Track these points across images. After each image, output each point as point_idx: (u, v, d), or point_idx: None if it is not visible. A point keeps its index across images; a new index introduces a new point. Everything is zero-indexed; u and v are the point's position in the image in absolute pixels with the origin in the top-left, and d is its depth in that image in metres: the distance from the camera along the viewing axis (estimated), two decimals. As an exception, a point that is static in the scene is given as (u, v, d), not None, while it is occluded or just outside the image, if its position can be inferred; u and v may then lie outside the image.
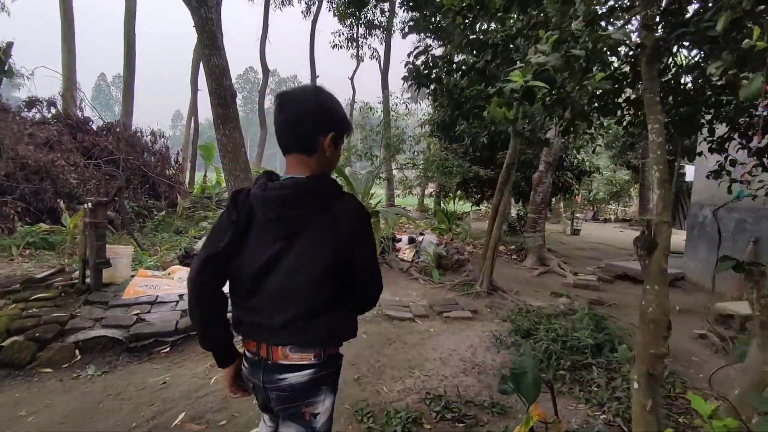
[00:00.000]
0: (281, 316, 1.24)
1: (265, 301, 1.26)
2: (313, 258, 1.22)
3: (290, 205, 1.23)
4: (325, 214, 1.23)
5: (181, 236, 8.10)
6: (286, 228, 1.24)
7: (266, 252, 1.25)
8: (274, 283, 1.24)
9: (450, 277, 6.80)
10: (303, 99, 1.27)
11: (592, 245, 11.30)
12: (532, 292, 6.38)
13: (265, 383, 1.28)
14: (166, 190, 9.71)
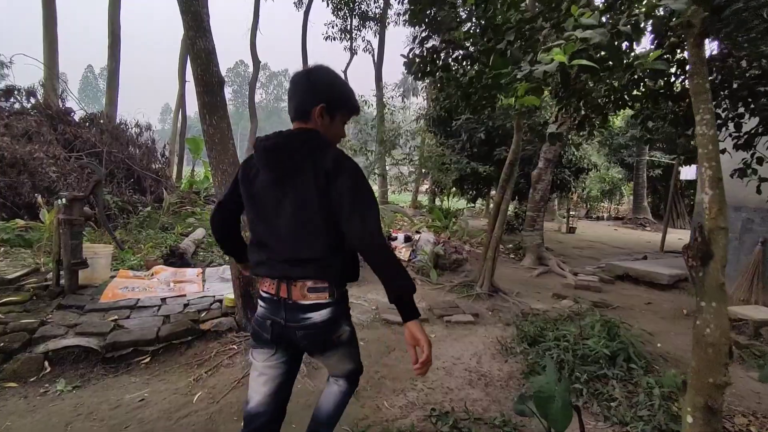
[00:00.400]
0: (292, 254, 1.42)
1: (276, 243, 1.45)
2: (307, 202, 1.39)
3: (281, 151, 1.42)
4: (313, 163, 1.38)
5: (168, 233, 7.75)
6: (279, 173, 1.43)
7: (268, 199, 1.46)
8: (280, 227, 1.43)
9: (448, 277, 6.56)
10: (299, 75, 1.54)
11: (589, 244, 11.15)
12: (534, 293, 6.16)
13: (288, 322, 1.44)
14: (152, 185, 9.32)
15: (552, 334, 3.90)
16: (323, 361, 1.70)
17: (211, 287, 4.54)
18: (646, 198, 16.84)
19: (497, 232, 5.59)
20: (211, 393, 2.80)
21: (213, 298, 4.15)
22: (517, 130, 5.49)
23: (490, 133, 9.83)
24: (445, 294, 5.68)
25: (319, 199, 1.37)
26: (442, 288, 5.86)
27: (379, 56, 15.17)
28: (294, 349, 1.56)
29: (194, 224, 8.36)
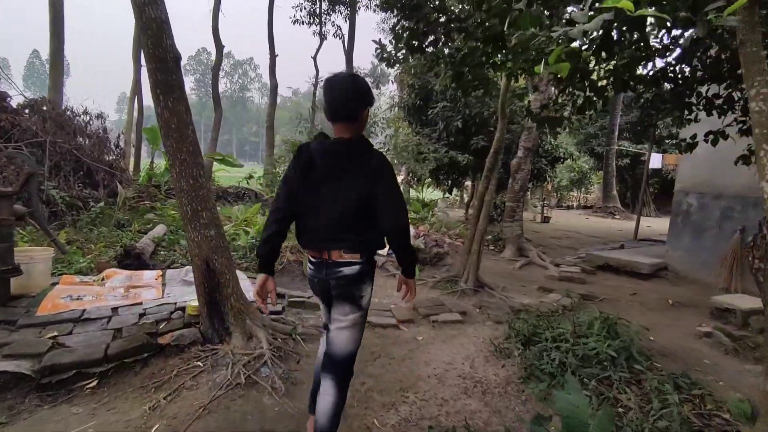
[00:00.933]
0: (336, 233, 1.87)
1: (327, 221, 1.87)
2: (352, 193, 1.83)
3: (340, 157, 1.87)
4: (360, 163, 1.85)
5: (124, 231, 7.07)
6: (336, 172, 1.86)
7: (323, 189, 1.87)
8: (331, 209, 1.86)
9: (430, 272, 6.26)
10: (345, 85, 1.86)
11: (564, 233, 11.16)
12: (519, 287, 5.96)
13: (327, 276, 1.92)
14: (105, 178, 8.54)
15: (548, 333, 3.65)
16: (338, 329, 1.99)
17: (172, 292, 4.04)
18: (615, 187, 17.15)
19: (482, 224, 5.32)
20: (171, 424, 2.37)
21: (174, 305, 3.67)
22: (502, 117, 5.20)
23: (467, 122, 9.57)
24: (429, 290, 5.38)
25: (362, 192, 1.82)
26: (425, 284, 5.56)
27: (349, 42, 14.63)
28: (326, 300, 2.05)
29: (154, 220, 7.70)
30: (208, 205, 3.22)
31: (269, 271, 1.97)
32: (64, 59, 9.67)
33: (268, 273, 1.96)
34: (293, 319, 3.86)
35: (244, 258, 5.82)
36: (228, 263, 3.31)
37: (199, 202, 3.17)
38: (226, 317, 3.20)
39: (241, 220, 7.05)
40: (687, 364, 3.74)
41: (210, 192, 3.25)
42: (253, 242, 6.10)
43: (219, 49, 12.34)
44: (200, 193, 3.17)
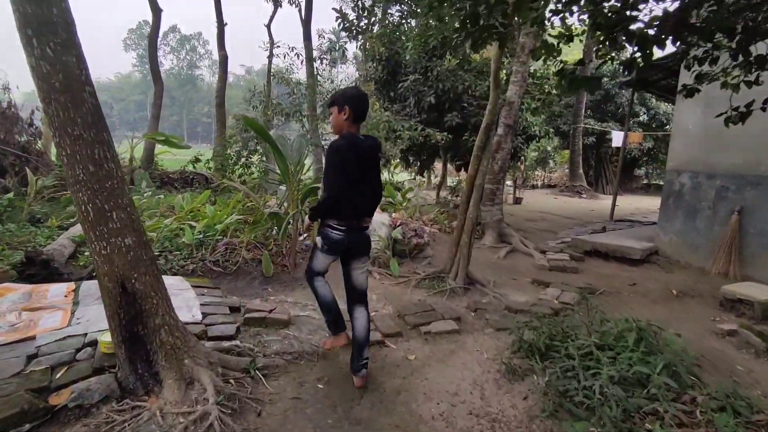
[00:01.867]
0: (374, 205, 2.69)
1: (368, 197, 2.62)
2: (380, 176, 2.83)
3: (376, 150, 2.64)
4: (378, 153, 2.73)
5: (38, 227, 5.82)
6: (373, 162, 2.63)
7: (367, 175, 2.57)
8: (371, 188, 2.64)
9: (410, 266, 5.52)
10: (359, 92, 2.65)
11: (540, 215, 10.75)
12: (509, 280, 5.34)
13: (356, 238, 2.64)
14: (16, 164, 7.12)
15: (569, 346, 3.00)
16: (359, 269, 2.79)
17: (85, 315, 3.04)
18: (581, 165, 17.08)
19: (472, 212, 4.61)
20: None
21: (84, 337, 2.70)
22: (496, 87, 4.45)
23: (439, 97, 8.79)
24: (412, 290, 4.63)
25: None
26: (407, 283, 4.81)
27: (306, 11, 13.33)
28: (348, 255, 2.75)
29: (79, 213, 6.44)
30: (121, 202, 2.26)
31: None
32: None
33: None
34: (251, 344, 2.99)
35: (190, 258, 4.82)
36: (155, 282, 2.39)
37: (106, 198, 2.21)
38: (154, 358, 2.29)
39: (186, 212, 5.98)
40: (719, 371, 3.23)
41: (123, 183, 2.28)
42: (201, 238, 5.10)
43: (156, 13, 10.76)
44: (108, 185, 2.21)
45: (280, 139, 5.25)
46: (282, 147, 4.98)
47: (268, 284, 4.66)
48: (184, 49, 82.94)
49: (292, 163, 4.87)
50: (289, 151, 5.02)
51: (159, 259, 4.69)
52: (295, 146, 5.12)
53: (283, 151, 4.87)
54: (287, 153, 5.00)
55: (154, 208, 7.21)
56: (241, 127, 6.99)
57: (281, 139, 5.24)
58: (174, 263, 4.67)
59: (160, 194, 9.15)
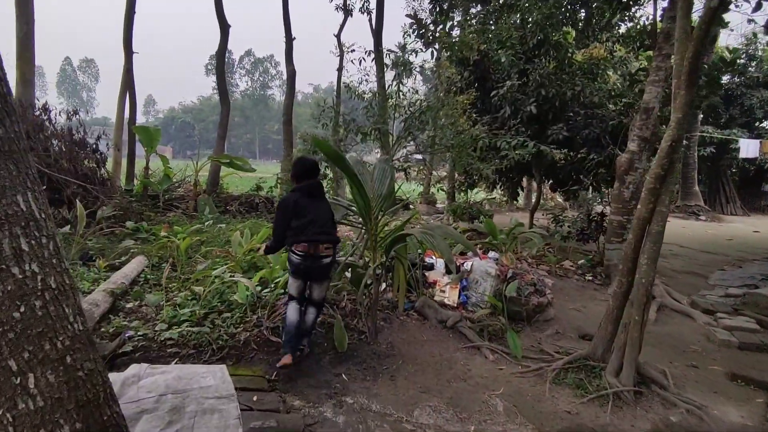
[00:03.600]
0: (321, 235, 3.13)
1: (317, 226, 3.13)
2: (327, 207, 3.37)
3: (315, 189, 3.30)
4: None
5: (89, 267, 5.09)
6: (314, 201, 3.24)
7: (308, 214, 3.15)
8: (317, 218, 3.17)
9: (531, 336, 4.03)
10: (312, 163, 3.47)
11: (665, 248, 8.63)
12: (687, 369, 3.65)
13: (312, 265, 3.14)
14: (78, 193, 6.64)
15: None
16: (317, 287, 3.32)
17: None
18: (697, 181, 14.37)
19: (646, 274, 3.04)
20: None
21: None
22: (690, 85, 2.87)
23: (541, 106, 7.22)
24: (551, 390, 3.13)
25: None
26: (540, 374, 3.31)
27: (378, 17, 12.41)
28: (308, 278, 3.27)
29: (132, 249, 5.72)
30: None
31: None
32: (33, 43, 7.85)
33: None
34: None
35: (243, 322, 3.72)
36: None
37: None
38: None
39: (244, 252, 4.97)
40: None
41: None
42: (258, 295, 4.00)
43: (224, 30, 10.32)
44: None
45: (359, 165, 4.04)
46: (360, 175, 3.77)
47: (342, 364, 3.42)
48: (257, 71, 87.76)
49: (375, 199, 3.62)
50: (368, 182, 3.79)
51: (204, 325, 3.64)
52: (377, 175, 3.88)
53: (367, 183, 3.65)
54: (366, 183, 3.78)
55: (214, 241, 6.39)
56: (309, 148, 5.96)
57: (359, 166, 4.04)
58: (222, 330, 3.58)
59: (223, 221, 8.46)
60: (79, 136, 7.25)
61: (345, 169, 3.53)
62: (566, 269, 6.29)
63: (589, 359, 3.30)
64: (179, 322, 3.64)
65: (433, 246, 3.11)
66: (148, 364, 2.65)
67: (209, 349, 3.38)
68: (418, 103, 5.83)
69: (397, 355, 3.60)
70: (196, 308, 3.79)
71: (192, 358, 3.28)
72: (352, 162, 3.92)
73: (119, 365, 3.03)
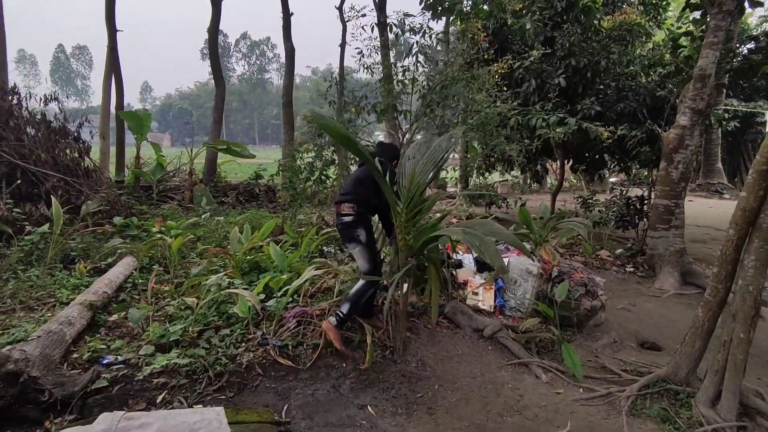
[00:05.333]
0: (346, 193, 3.12)
1: (344, 188, 3.25)
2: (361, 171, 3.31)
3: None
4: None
5: (70, 272, 4.48)
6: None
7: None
8: (348, 182, 3.31)
9: (584, 347, 3.42)
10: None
11: (700, 231, 7.99)
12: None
13: (337, 225, 3.19)
14: (61, 186, 5.99)
15: None
16: (354, 254, 3.17)
17: None
18: (720, 158, 13.62)
19: (754, 280, 2.39)
20: None
21: None
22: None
23: (571, 78, 6.47)
24: (626, 422, 2.52)
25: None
26: (611, 401, 2.70)
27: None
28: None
29: (120, 249, 5.09)
30: None
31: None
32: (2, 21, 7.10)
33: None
34: None
35: (245, 340, 3.12)
36: None
37: None
38: None
39: (244, 252, 4.35)
40: None
41: None
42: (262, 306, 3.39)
43: (215, 3, 9.48)
44: None
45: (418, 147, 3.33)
46: (410, 162, 3.10)
47: (366, 392, 2.82)
48: (254, 54, 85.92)
49: (404, 194, 2.94)
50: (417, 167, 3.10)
51: (199, 345, 3.03)
52: (428, 155, 3.18)
53: (410, 165, 2.99)
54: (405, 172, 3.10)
55: (211, 237, 5.76)
56: (314, 131, 5.26)
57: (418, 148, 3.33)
58: (220, 352, 2.98)
59: (221, 213, 7.81)
60: (59, 123, 6.55)
61: (358, 153, 2.86)
62: (603, 260, 5.65)
63: (670, 381, 2.69)
64: (169, 343, 3.03)
65: (480, 250, 2.46)
66: (123, 412, 2.05)
67: (205, 377, 2.78)
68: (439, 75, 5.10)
69: (430, 377, 3.00)
70: (188, 324, 3.19)
71: (184, 390, 2.68)
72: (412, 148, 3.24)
73: (92, 407, 2.43)
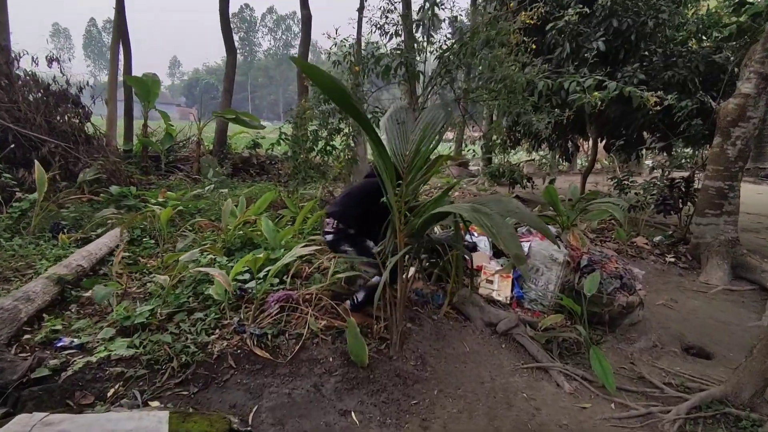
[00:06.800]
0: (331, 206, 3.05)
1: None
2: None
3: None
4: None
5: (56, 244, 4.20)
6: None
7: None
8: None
9: (618, 350, 2.89)
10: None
11: (751, 219, 7.17)
12: None
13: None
14: (58, 153, 5.73)
15: None
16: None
17: None
18: None
19: None
20: None
21: None
22: None
23: (611, 42, 5.70)
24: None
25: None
26: (650, 425, 2.18)
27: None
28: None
29: (111, 220, 4.79)
30: None
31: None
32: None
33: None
34: None
35: (219, 326, 2.73)
36: None
37: None
38: None
39: (236, 226, 3.95)
40: None
41: None
42: (242, 287, 2.99)
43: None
44: None
45: (401, 113, 2.80)
46: (396, 125, 2.59)
47: (352, 393, 2.40)
48: (280, 29, 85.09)
49: (401, 160, 2.44)
50: (394, 134, 2.59)
51: (168, 329, 2.67)
52: (406, 125, 2.68)
53: (390, 134, 2.48)
54: (393, 138, 2.59)
55: (211, 210, 5.42)
56: (318, 96, 4.75)
57: (401, 113, 2.79)
58: (189, 339, 2.60)
59: (229, 185, 7.47)
60: (59, 86, 6.26)
61: (351, 111, 2.36)
62: (639, 247, 5.02)
63: (729, 404, 2.15)
64: (134, 326, 2.68)
65: (492, 232, 1.95)
66: (44, 414, 1.69)
67: (168, 368, 2.41)
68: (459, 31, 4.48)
69: (430, 379, 2.55)
70: (158, 305, 2.82)
71: (142, 382, 2.31)
72: (393, 111, 2.71)
73: (26, 400, 2.09)
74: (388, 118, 2.56)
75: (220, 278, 2.47)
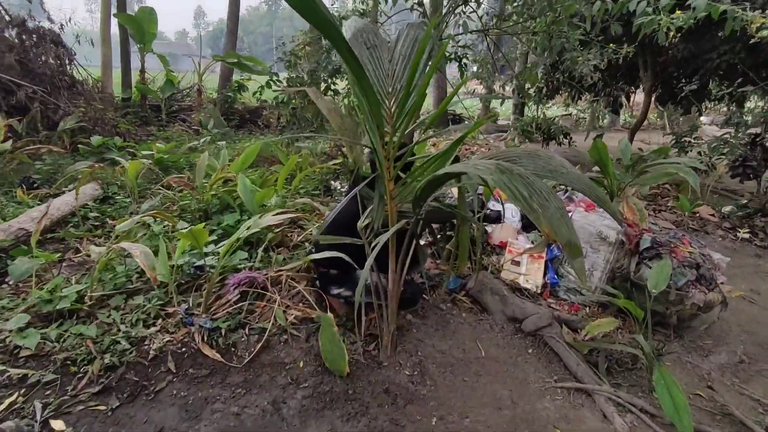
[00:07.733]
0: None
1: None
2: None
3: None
4: None
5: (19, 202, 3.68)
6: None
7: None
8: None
9: (687, 364, 2.14)
10: None
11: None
12: None
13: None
14: (38, 99, 5.16)
15: None
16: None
17: None
18: None
19: None
20: None
21: None
22: None
23: None
24: None
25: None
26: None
27: None
28: None
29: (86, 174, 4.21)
30: None
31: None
32: None
33: None
34: None
35: (162, 316, 2.14)
36: None
37: None
38: None
39: (212, 183, 3.31)
40: None
41: None
42: (195, 266, 2.37)
43: None
44: None
45: (370, 34, 2.00)
46: (369, 52, 1.80)
47: (322, 418, 1.79)
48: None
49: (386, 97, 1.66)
50: (366, 63, 1.80)
51: (97, 317, 2.10)
52: (400, 50, 1.87)
53: (372, 61, 1.70)
54: (380, 68, 1.80)
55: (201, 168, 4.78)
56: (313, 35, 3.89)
57: (371, 35, 1.99)
58: (122, 331, 2.02)
59: (230, 137, 6.81)
60: (36, 23, 5.59)
61: (322, 26, 1.56)
62: (703, 219, 4.12)
63: None
64: (55, 312, 2.12)
65: (527, 204, 1.21)
66: None
67: (87, 371, 1.85)
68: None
69: (428, 399, 1.90)
70: (88, 286, 2.24)
71: (50, 389, 1.77)
72: (358, 30, 1.91)
73: None
74: (354, 37, 1.76)
75: (140, 258, 1.82)
